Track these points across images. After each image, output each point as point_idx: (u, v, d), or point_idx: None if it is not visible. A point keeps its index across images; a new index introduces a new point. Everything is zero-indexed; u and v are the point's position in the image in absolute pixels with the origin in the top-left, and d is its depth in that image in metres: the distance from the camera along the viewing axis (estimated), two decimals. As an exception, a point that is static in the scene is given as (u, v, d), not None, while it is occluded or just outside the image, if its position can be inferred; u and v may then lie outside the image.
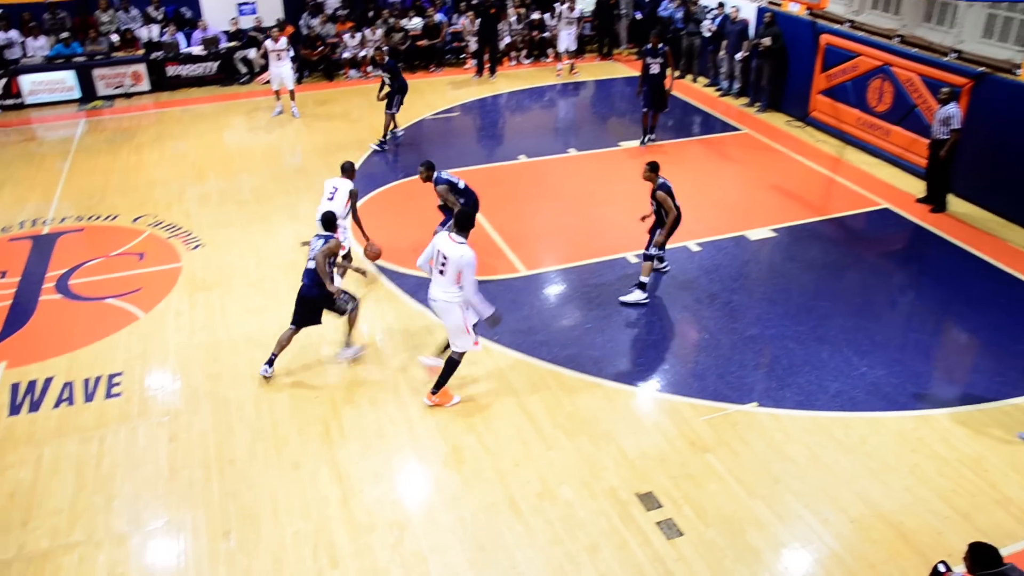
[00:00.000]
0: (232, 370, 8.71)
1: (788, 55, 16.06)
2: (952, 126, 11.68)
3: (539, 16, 20.19)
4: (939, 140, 11.90)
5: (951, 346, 9.47)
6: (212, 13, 18.72)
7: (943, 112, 11.75)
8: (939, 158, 12.00)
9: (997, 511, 6.93)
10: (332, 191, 10.11)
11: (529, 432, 7.81)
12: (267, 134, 15.50)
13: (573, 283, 10.42)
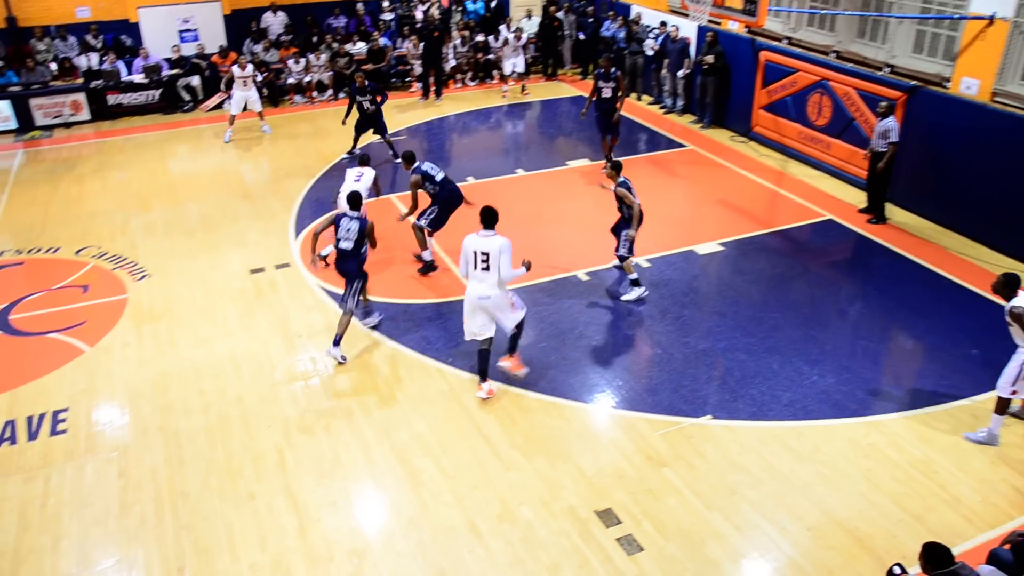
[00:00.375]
0: (183, 401, 8.55)
1: (731, 73, 16.38)
2: (890, 139, 12.00)
3: (484, 38, 20.30)
4: (878, 152, 12.21)
5: (898, 352, 9.67)
6: (153, 41, 18.48)
7: (882, 125, 12.06)
8: (878, 170, 12.31)
9: (947, 511, 7.07)
10: (359, 175, 11.32)
11: (486, 453, 7.77)
12: (213, 162, 15.31)
13: (526, 303, 10.40)
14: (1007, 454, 7.75)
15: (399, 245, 11.86)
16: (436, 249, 11.53)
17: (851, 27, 14.16)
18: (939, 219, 12.58)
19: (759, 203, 13.49)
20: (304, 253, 11.42)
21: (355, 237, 9.01)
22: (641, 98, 18.94)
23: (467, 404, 8.46)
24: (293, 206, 13.22)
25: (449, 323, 9.89)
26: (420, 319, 10.00)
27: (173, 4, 18.76)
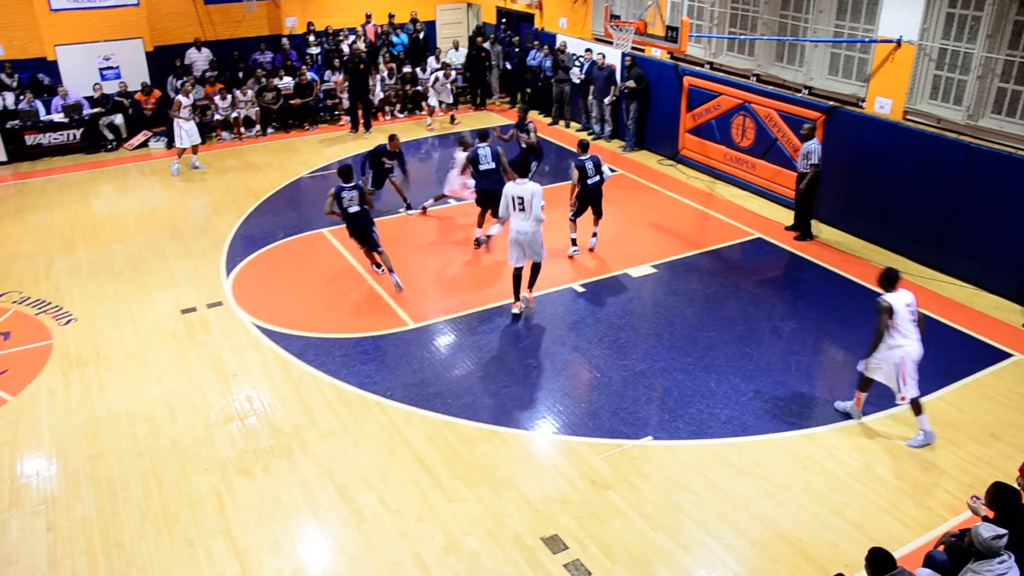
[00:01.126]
0: (115, 448, 8.27)
1: (655, 96, 16.72)
2: (812, 161, 12.35)
3: (411, 70, 20.35)
4: (803, 174, 12.55)
5: (829, 365, 9.89)
6: (73, 79, 18.05)
7: (805, 148, 12.42)
8: (800, 191, 12.65)
9: (885, 518, 7.23)
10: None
11: (429, 486, 7.69)
12: (140, 201, 14.98)
13: (462, 332, 10.41)
14: (937, 460, 7.97)
15: (335, 279, 11.75)
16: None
17: (769, 52, 14.61)
18: (863, 234, 12.98)
19: (689, 224, 13.73)
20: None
21: (358, 201, 11.05)
22: (569, 125, 19.19)
23: (408, 437, 8.37)
24: (223, 243, 12.99)
25: (387, 356, 9.81)
26: (357, 353, 9.90)
27: (93, 42, 18.39)
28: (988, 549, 5.25)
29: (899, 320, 7.88)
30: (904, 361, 7.92)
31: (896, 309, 7.87)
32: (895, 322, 7.87)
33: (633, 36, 13.38)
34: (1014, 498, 5.73)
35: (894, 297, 7.93)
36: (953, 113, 11.62)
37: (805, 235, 12.95)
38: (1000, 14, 10.87)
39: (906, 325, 7.91)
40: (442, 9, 23.63)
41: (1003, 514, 5.72)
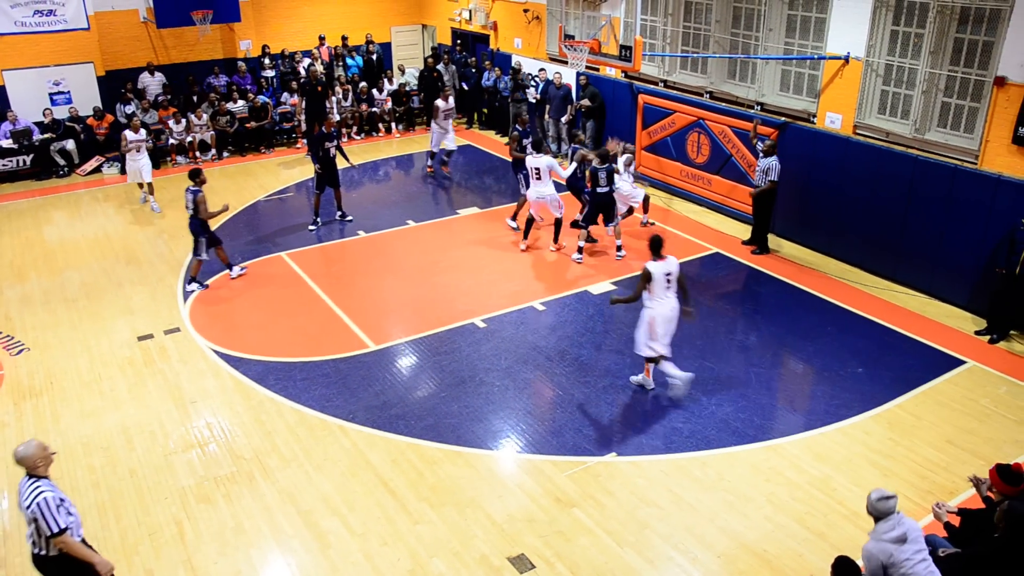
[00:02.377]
0: (70, 480, 8.08)
1: (610, 114, 16.88)
2: (770, 177, 12.55)
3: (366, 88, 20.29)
4: (759, 188, 12.75)
5: (789, 376, 10.01)
6: (21, 104, 17.71)
7: (764, 164, 12.62)
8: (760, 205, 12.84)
9: (847, 526, 7.32)
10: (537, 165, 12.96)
11: (394, 509, 7.63)
12: (93, 227, 14.73)
13: (424, 353, 10.37)
14: (896, 467, 8.10)
15: (294, 303, 11.65)
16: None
17: (722, 69, 14.84)
18: (818, 247, 13.20)
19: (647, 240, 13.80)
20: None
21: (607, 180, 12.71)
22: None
23: (371, 460, 8.30)
24: (180, 269, 12.82)
25: (348, 379, 9.73)
26: (318, 377, 9.81)
27: (43, 66, 18.10)
28: (879, 511, 5.66)
29: (655, 285, 8.81)
30: (653, 321, 8.86)
31: (654, 275, 8.79)
32: (651, 286, 8.79)
33: (587, 55, 13.53)
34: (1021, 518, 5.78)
35: (655, 265, 8.83)
36: (901, 127, 11.90)
37: (762, 249, 13.14)
38: (941, 31, 11.18)
39: (660, 290, 8.84)
40: (397, 31, 23.68)
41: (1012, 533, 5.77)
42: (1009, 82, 10.38)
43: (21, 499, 5.43)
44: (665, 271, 8.86)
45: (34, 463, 5.47)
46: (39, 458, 5.48)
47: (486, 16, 20.72)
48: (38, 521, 5.35)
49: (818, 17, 12.86)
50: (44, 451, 5.54)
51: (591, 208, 12.83)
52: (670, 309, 8.95)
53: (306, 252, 13.41)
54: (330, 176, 14.37)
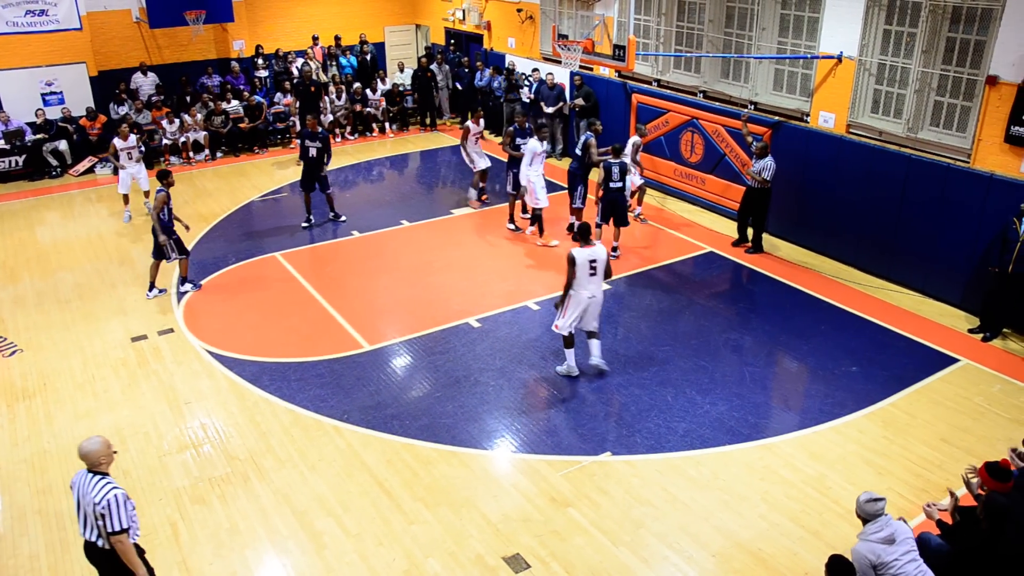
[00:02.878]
0: (63, 481, 8.05)
1: (604, 114, 16.87)
2: (764, 176, 12.57)
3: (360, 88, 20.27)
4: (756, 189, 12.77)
5: (784, 375, 10.03)
6: (14, 104, 17.64)
7: (759, 165, 12.61)
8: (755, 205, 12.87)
9: (842, 524, 7.33)
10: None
11: (389, 509, 7.62)
12: (87, 228, 14.69)
13: (419, 353, 10.37)
14: (890, 466, 8.12)
15: (288, 303, 11.64)
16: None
17: (715, 68, 14.86)
18: (812, 246, 13.23)
19: (642, 240, 13.85)
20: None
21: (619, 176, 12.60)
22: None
23: (366, 460, 8.29)
24: (174, 269, 12.79)
25: (342, 379, 9.72)
26: (312, 377, 9.79)
27: (35, 67, 18.04)
28: (867, 513, 5.77)
29: (579, 271, 9.13)
30: (572, 303, 9.32)
31: (577, 261, 9.11)
32: (575, 272, 9.13)
33: (581, 55, 13.53)
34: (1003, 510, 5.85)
35: (580, 252, 9.14)
36: (894, 126, 11.93)
37: (756, 248, 13.15)
38: (933, 30, 11.21)
39: (584, 276, 9.16)
40: (391, 31, 23.67)
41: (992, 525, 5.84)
42: (1001, 81, 10.41)
43: (85, 492, 5.52)
44: (590, 258, 9.15)
45: (98, 459, 5.58)
46: (103, 455, 5.59)
47: (479, 16, 20.72)
48: (106, 516, 5.46)
49: (811, 16, 12.88)
50: (108, 448, 5.64)
51: (604, 206, 12.74)
52: (590, 295, 9.27)
53: (300, 252, 13.39)
54: (310, 176, 14.39)
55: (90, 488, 5.52)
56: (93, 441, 5.61)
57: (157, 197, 11.55)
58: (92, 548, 5.69)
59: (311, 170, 14.32)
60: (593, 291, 9.28)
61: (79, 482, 5.63)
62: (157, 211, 11.54)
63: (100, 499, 5.46)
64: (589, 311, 9.40)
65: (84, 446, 5.59)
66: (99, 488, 5.50)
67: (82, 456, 5.59)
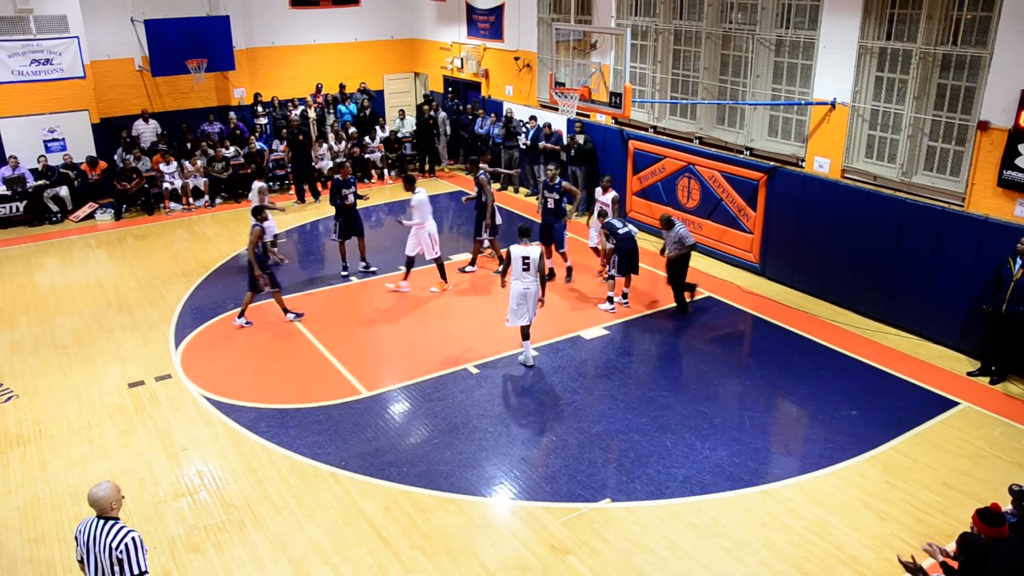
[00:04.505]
0: (56, 529, 7.97)
1: (601, 160, 17.05)
2: (687, 243, 12.26)
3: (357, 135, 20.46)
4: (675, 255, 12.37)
5: (783, 420, 9.99)
6: (16, 151, 17.72)
7: (675, 234, 12.27)
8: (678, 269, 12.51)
9: (845, 571, 7.25)
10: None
11: (386, 557, 7.54)
12: (85, 273, 14.73)
13: (416, 400, 10.33)
14: (892, 510, 8.05)
15: (286, 349, 11.62)
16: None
17: (710, 115, 15.03)
18: (809, 289, 13.26)
19: (640, 285, 13.88)
20: None
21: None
22: (519, 190, 19.44)
23: (364, 507, 8.22)
24: (172, 315, 12.80)
25: (340, 426, 9.67)
26: (310, 423, 9.74)
27: (38, 114, 18.23)
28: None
29: (514, 265, 10.70)
30: (512, 295, 10.78)
31: (513, 257, 10.68)
32: (511, 267, 10.73)
33: (578, 102, 13.69)
34: (983, 549, 5.80)
35: (516, 248, 10.71)
36: (888, 171, 12.04)
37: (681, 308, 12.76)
38: (924, 77, 11.37)
39: (518, 270, 10.70)
40: (390, 78, 23.97)
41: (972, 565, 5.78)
42: (992, 126, 10.54)
43: (97, 539, 5.41)
44: (523, 255, 10.62)
45: (109, 504, 5.48)
46: (113, 499, 5.49)
47: (477, 64, 21.01)
48: (125, 560, 5.37)
49: (804, 64, 13.07)
50: (118, 492, 5.56)
51: (621, 259, 12.57)
52: (523, 288, 10.69)
53: (299, 298, 13.40)
54: (351, 224, 14.09)
55: (103, 534, 5.40)
56: (103, 487, 5.50)
57: (252, 232, 11.92)
58: None
59: (348, 218, 13.99)
60: (527, 284, 10.68)
61: (87, 530, 5.49)
62: (252, 246, 11.87)
63: (118, 544, 5.35)
64: (528, 301, 10.74)
65: (95, 492, 5.48)
66: (114, 533, 5.39)
67: (92, 502, 5.47)
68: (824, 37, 12.50)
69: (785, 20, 13.28)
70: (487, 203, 13.91)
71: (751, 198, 13.91)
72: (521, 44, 19.35)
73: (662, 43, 15.59)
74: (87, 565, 5.49)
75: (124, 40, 19.64)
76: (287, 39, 21.97)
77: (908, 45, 11.50)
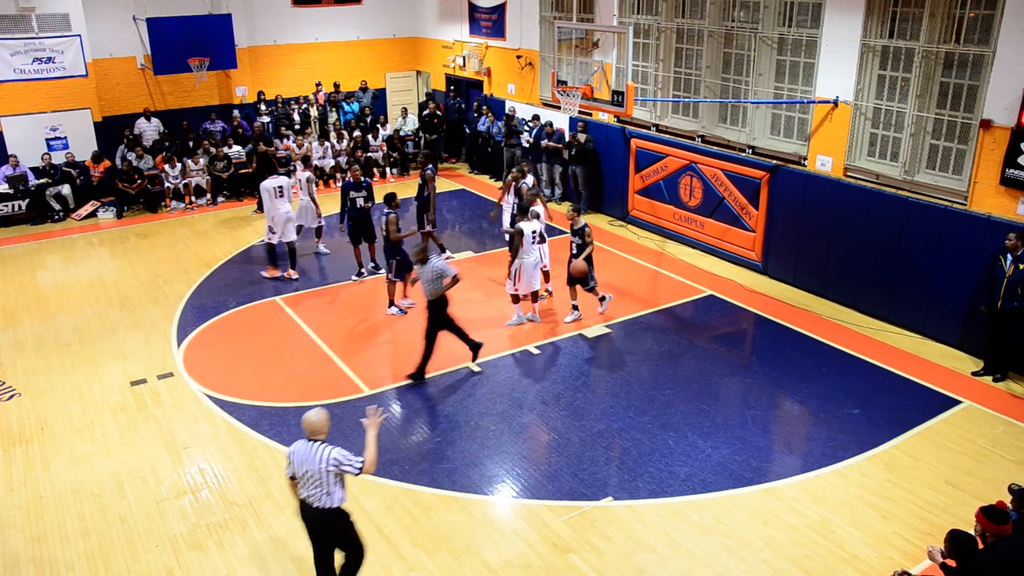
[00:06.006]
0: (59, 528, 7.98)
1: (604, 159, 17.04)
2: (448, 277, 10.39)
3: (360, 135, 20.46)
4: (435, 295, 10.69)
5: (785, 419, 9.98)
6: (18, 150, 17.74)
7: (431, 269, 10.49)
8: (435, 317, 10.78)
9: (847, 569, 7.24)
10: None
11: (388, 555, 7.54)
12: (87, 272, 14.74)
13: (418, 398, 10.33)
14: (895, 509, 8.04)
15: (288, 348, 11.63)
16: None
17: (713, 113, 15.02)
18: (811, 288, 13.25)
19: (641, 284, 13.89)
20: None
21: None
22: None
23: (365, 506, 8.22)
24: (174, 313, 12.81)
25: (342, 424, 9.67)
26: (313, 421, 9.73)
27: (40, 112, 18.24)
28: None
29: (525, 241, 11.60)
30: (521, 268, 11.74)
31: (525, 233, 11.61)
32: (522, 242, 11.58)
33: (580, 101, 13.69)
34: (971, 544, 5.80)
35: (525, 225, 11.71)
36: (890, 169, 12.02)
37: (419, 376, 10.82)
38: (927, 75, 11.35)
39: (528, 244, 11.65)
40: (392, 77, 23.97)
41: (963, 561, 5.78)
42: (995, 125, 10.53)
43: (310, 459, 6.22)
44: (532, 229, 11.70)
45: (321, 429, 6.32)
46: (324, 425, 6.34)
47: (480, 62, 21.00)
48: (340, 465, 6.21)
49: (807, 62, 13.05)
50: (328, 421, 6.39)
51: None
52: (535, 259, 11.80)
53: (300, 296, 13.41)
54: (360, 228, 13.80)
55: (315, 454, 6.21)
56: (319, 412, 6.36)
57: (388, 220, 12.21)
58: (318, 511, 6.31)
59: (358, 222, 13.73)
60: (537, 255, 11.80)
61: (298, 451, 6.29)
62: (391, 233, 12.23)
63: (329, 457, 6.19)
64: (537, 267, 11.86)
65: (310, 417, 6.31)
66: (324, 451, 6.22)
67: (307, 426, 6.30)
68: (826, 35, 12.49)
69: (787, 18, 13.27)
70: (429, 197, 14.04)
71: (753, 196, 13.91)
72: (523, 42, 19.34)
73: (664, 41, 15.58)
74: (300, 480, 6.32)
75: (126, 38, 19.66)
76: (289, 37, 21.97)
77: (911, 43, 11.49)
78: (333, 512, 6.33)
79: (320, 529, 6.45)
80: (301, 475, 6.26)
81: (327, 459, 6.16)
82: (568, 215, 12.17)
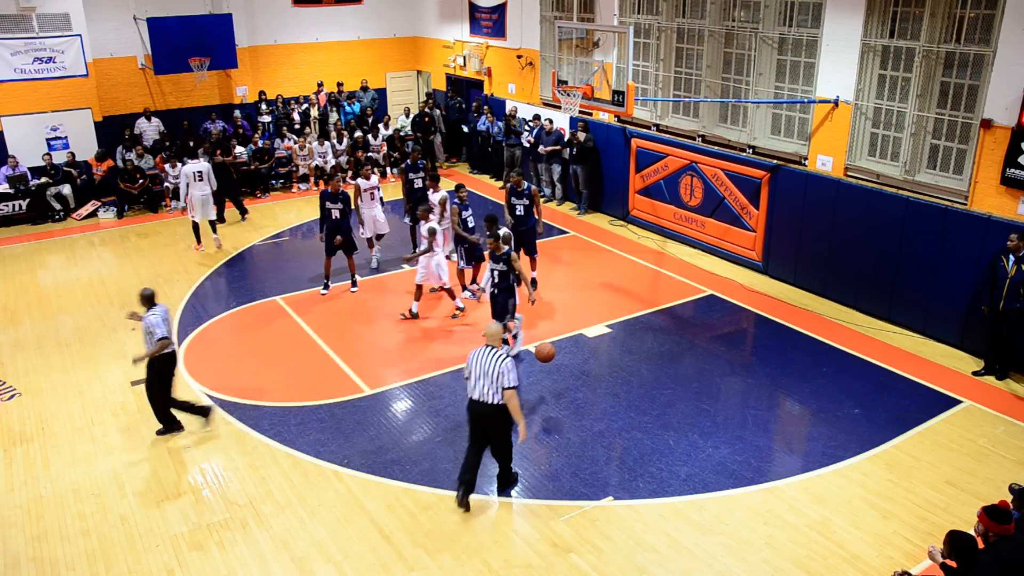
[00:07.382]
0: (59, 527, 7.99)
1: (604, 158, 17.04)
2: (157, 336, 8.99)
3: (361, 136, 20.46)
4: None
5: (786, 418, 9.98)
6: (18, 150, 17.75)
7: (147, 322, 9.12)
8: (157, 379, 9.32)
9: (848, 569, 7.24)
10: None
11: (389, 555, 7.54)
12: (88, 271, 14.74)
13: (419, 398, 10.33)
14: (895, 509, 8.04)
15: (289, 347, 11.63)
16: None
17: (713, 113, 15.02)
18: (811, 287, 13.25)
19: (642, 284, 13.88)
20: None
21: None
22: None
23: (366, 505, 8.22)
24: (175, 313, 12.80)
25: (343, 424, 9.68)
26: (312, 422, 9.75)
27: (40, 112, 18.24)
28: None
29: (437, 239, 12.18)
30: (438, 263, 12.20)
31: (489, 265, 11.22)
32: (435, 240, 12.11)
33: (580, 101, 13.69)
34: (971, 544, 5.80)
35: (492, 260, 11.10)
36: (891, 169, 12.02)
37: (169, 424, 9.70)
38: (927, 75, 11.35)
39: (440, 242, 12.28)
40: (392, 76, 23.97)
41: (963, 561, 5.78)
42: (995, 124, 10.53)
43: (486, 361, 7.73)
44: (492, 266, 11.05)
45: (497, 337, 7.86)
46: (499, 336, 7.90)
47: (480, 62, 21.00)
48: (503, 375, 7.61)
49: (807, 62, 13.05)
50: (501, 331, 8.07)
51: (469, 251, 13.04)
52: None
53: (301, 296, 13.41)
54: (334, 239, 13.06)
55: (491, 358, 7.70)
56: (496, 325, 8.01)
57: (452, 211, 12.77)
58: (486, 406, 7.76)
59: (333, 233, 13.02)
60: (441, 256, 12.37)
61: (478, 354, 7.82)
62: (454, 223, 12.67)
63: (500, 363, 7.63)
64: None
65: (490, 327, 7.94)
66: (498, 357, 7.69)
67: (488, 335, 7.87)
68: (827, 35, 12.49)
69: (788, 18, 13.27)
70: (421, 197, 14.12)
71: (754, 196, 13.91)
72: (524, 42, 19.34)
73: (665, 41, 15.58)
74: (472, 380, 7.82)
75: (127, 38, 19.66)
76: (290, 37, 21.97)
77: (911, 43, 11.49)
78: (499, 408, 7.71)
79: (483, 419, 7.85)
80: (478, 374, 7.70)
81: (500, 365, 7.61)
82: (512, 178, 13.11)
